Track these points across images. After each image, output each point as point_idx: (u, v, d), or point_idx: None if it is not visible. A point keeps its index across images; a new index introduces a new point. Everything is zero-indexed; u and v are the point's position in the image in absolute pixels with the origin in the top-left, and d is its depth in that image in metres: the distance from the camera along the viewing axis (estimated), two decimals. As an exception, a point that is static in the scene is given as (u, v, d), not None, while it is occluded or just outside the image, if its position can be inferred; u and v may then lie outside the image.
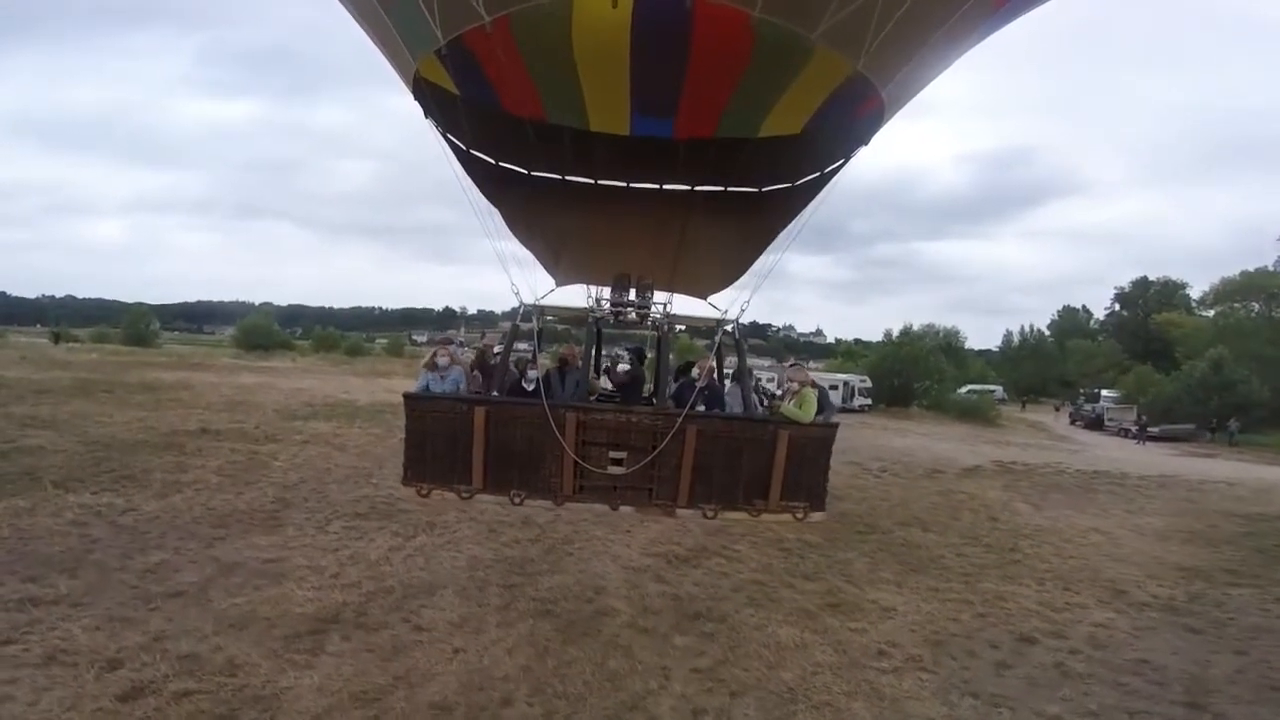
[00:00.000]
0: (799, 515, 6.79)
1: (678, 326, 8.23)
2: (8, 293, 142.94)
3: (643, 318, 7.55)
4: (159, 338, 51.00)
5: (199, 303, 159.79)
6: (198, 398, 21.11)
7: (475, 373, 7.44)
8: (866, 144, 6.99)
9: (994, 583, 8.48)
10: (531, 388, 7.30)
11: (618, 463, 6.59)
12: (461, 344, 8.45)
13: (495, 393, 6.98)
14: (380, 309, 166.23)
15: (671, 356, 8.00)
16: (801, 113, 6.22)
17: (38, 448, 11.42)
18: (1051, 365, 73.73)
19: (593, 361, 8.11)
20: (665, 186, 8.00)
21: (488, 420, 6.51)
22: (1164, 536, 12.10)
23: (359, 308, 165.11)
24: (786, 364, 8.33)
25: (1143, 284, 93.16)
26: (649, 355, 8.97)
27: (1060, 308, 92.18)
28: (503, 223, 8.38)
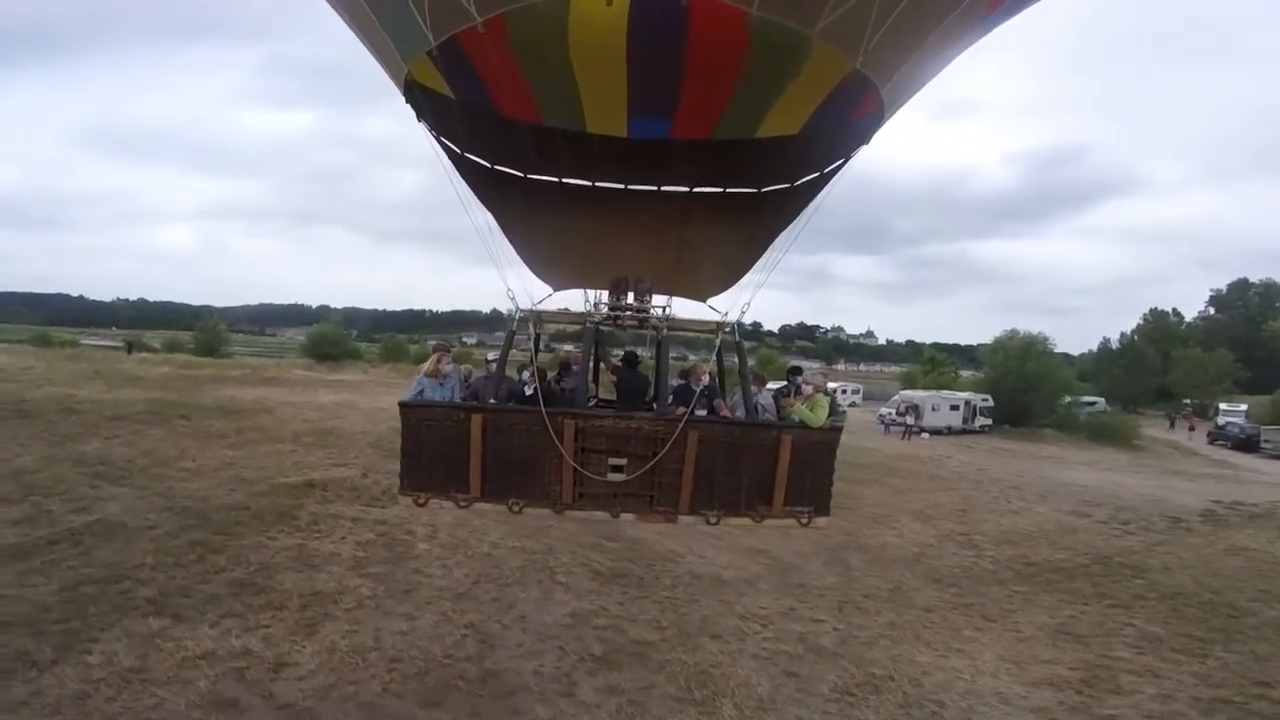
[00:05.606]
0: (803, 521, 6.54)
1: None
2: (85, 296, 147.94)
3: (641, 322, 7.38)
4: (229, 344, 50.12)
5: (261, 305, 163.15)
6: (282, 426, 18.61)
7: (469, 383, 7.27)
8: (867, 143, 6.84)
9: None
10: (531, 391, 6.97)
11: (618, 470, 6.37)
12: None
13: (493, 399, 6.80)
14: (430, 311, 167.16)
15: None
16: (800, 112, 6.07)
17: (118, 523, 8.74)
18: (1149, 374, 67.89)
19: (591, 367, 7.90)
20: (663, 188, 7.79)
21: (485, 427, 6.33)
22: None
23: (410, 310, 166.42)
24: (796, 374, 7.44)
25: (1241, 286, 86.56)
26: (644, 358, 8.57)
27: (1148, 310, 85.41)
28: (498, 228, 8.19)
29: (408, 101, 6.93)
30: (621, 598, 7.89)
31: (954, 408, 34.17)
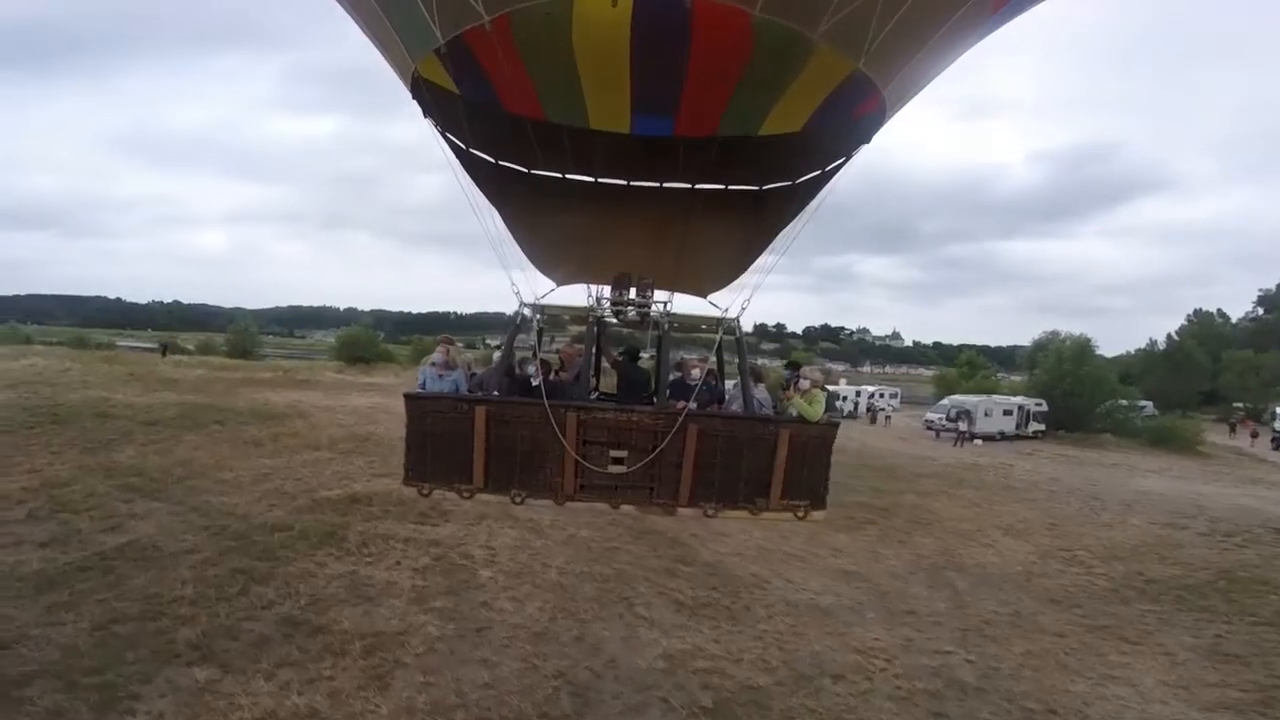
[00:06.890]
0: (800, 514, 6.70)
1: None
2: (123, 298, 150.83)
3: (643, 317, 7.62)
4: (262, 347, 50.28)
5: (290, 308, 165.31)
6: (317, 431, 17.95)
7: (473, 374, 7.42)
8: (868, 142, 7.08)
9: None
10: (537, 383, 6.97)
11: (619, 462, 6.58)
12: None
13: (496, 391, 6.93)
14: (455, 314, 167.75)
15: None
16: (802, 111, 6.22)
17: (150, 544, 7.97)
18: (1197, 377, 65.26)
19: (593, 362, 8.04)
20: (666, 185, 8.06)
21: (488, 419, 6.50)
22: None
23: (435, 312, 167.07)
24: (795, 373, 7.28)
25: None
26: (644, 355, 8.81)
27: (1193, 310, 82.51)
28: (503, 223, 8.39)
29: (415, 98, 7.15)
30: (715, 633, 6.95)
31: (1007, 413, 32.72)
